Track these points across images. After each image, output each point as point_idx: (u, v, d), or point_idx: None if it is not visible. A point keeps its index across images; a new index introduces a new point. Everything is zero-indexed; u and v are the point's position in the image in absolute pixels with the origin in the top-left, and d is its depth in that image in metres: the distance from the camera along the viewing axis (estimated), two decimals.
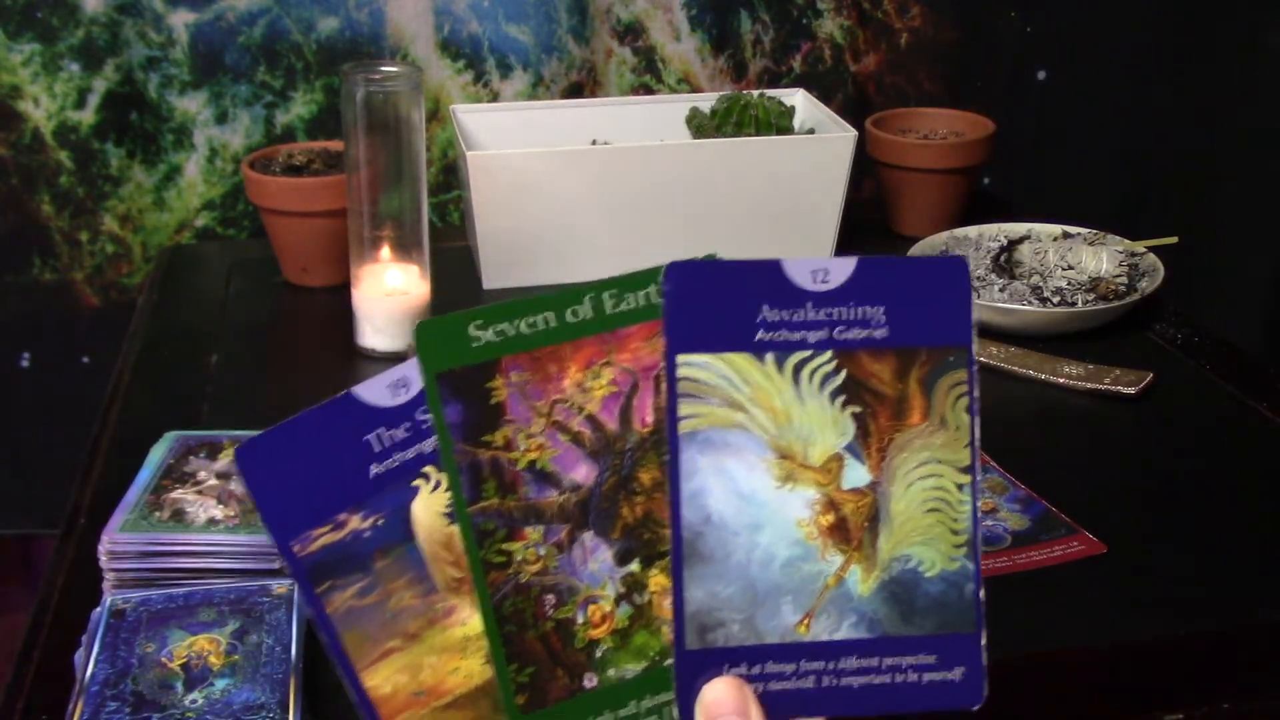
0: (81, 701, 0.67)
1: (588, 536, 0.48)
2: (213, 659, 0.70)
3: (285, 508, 0.46)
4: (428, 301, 1.13)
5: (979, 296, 1.15)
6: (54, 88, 1.32)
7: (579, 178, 1.21)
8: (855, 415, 0.48)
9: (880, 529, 0.48)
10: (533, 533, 0.47)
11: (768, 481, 0.47)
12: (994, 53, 1.57)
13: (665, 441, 0.46)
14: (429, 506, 0.47)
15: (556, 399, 0.47)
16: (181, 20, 1.34)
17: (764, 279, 0.47)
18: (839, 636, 0.47)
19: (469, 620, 0.47)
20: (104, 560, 0.78)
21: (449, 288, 1.18)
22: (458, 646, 0.48)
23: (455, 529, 0.47)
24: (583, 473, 0.48)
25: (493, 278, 1.23)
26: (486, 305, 0.47)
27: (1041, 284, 1.16)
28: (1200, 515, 0.90)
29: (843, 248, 1.30)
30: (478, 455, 0.46)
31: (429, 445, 0.47)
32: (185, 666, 0.70)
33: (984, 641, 0.49)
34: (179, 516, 0.81)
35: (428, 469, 0.47)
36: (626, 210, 1.23)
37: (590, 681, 0.47)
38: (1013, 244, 1.22)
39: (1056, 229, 1.26)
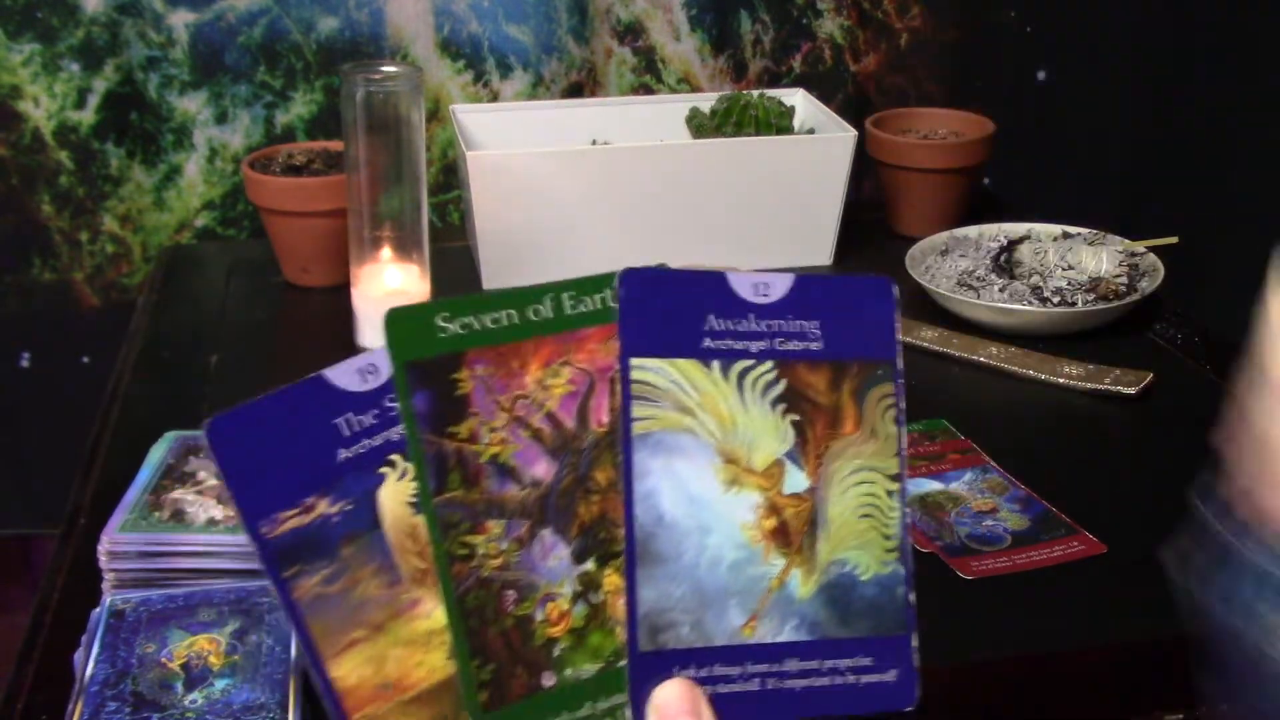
0: (81, 701, 0.67)
1: (547, 533, 0.48)
2: (213, 659, 0.70)
3: (255, 487, 0.45)
4: None
5: (979, 296, 1.15)
6: (54, 88, 1.32)
7: (579, 178, 1.21)
8: (794, 423, 0.49)
9: (819, 533, 0.49)
10: (495, 526, 0.47)
11: (715, 484, 0.48)
12: (994, 53, 1.57)
13: (619, 442, 0.47)
14: (395, 495, 0.47)
15: (518, 395, 0.48)
16: (181, 20, 1.34)
17: (711, 290, 0.49)
18: (782, 639, 0.48)
19: (433, 613, 0.47)
20: (104, 560, 0.78)
21: (449, 288, 1.18)
22: (421, 640, 0.47)
23: (420, 519, 0.47)
24: (542, 469, 0.48)
25: (493, 278, 1.23)
26: (452, 297, 0.47)
27: (1041, 284, 1.16)
28: None
29: (842, 248, 1.30)
30: (443, 446, 0.46)
31: (396, 433, 0.47)
32: (185, 666, 0.70)
33: (915, 644, 0.49)
34: (179, 516, 0.81)
35: (394, 457, 0.47)
36: (626, 210, 1.23)
37: (548, 680, 0.47)
38: (1013, 244, 1.22)
39: (1056, 229, 1.26)
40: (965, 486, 0.92)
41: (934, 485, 0.92)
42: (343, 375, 0.47)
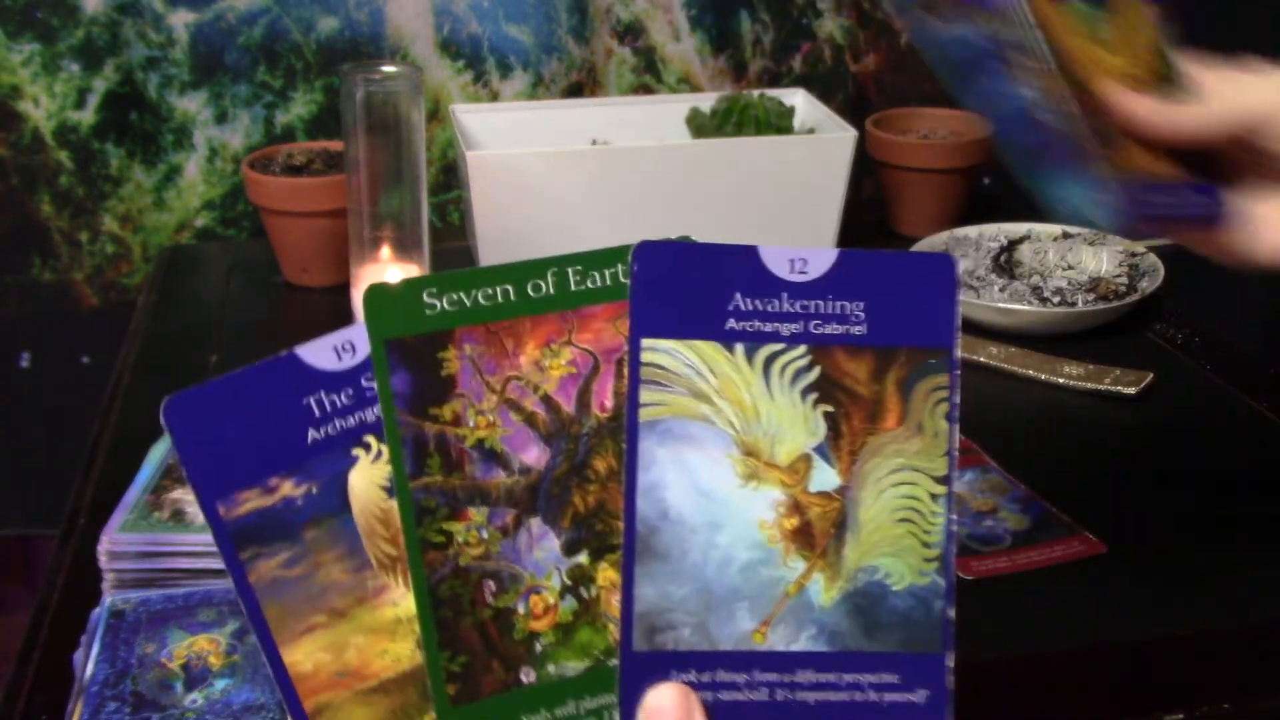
0: (81, 702, 0.67)
1: (535, 523, 0.45)
2: (212, 659, 0.70)
3: (213, 466, 0.44)
4: None
5: (979, 296, 1.15)
6: (54, 88, 1.32)
7: (579, 178, 1.21)
8: (827, 415, 0.45)
9: (847, 536, 0.45)
10: (476, 514, 0.45)
11: (730, 479, 0.45)
12: None
13: (624, 429, 0.44)
14: (367, 478, 0.45)
15: (511, 376, 0.45)
16: (181, 20, 1.34)
17: (739, 265, 0.45)
18: (796, 648, 0.44)
19: (401, 601, 0.45)
20: (104, 560, 0.78)
21: None
22: (387, 628, 0.45)
23: (393, 504, 0.45)
24: (534, 455, 0.46)
25: None
26: (443, 272, 0.45)
27: (1041, 284, 1.16)
28: (1200, 515, 0.90)
29: (843, 248, 1.30)
30: (423, 428, 0.44)
31: (372, 414, 0.45)
32: (185, 666, 0.70)
33: (951, 664, 0.45)
34: (179, 516, 0.81)
35: (369, 438, 0.45)
36: (626, 210, 1.23)
37: (528, 676, 0.45)
38: (1013, 244, 1.22)
39: (1056, 229, 1.26)
40: (965, 487, 0.92)
41: None
42: (317, 353, 0.45)
